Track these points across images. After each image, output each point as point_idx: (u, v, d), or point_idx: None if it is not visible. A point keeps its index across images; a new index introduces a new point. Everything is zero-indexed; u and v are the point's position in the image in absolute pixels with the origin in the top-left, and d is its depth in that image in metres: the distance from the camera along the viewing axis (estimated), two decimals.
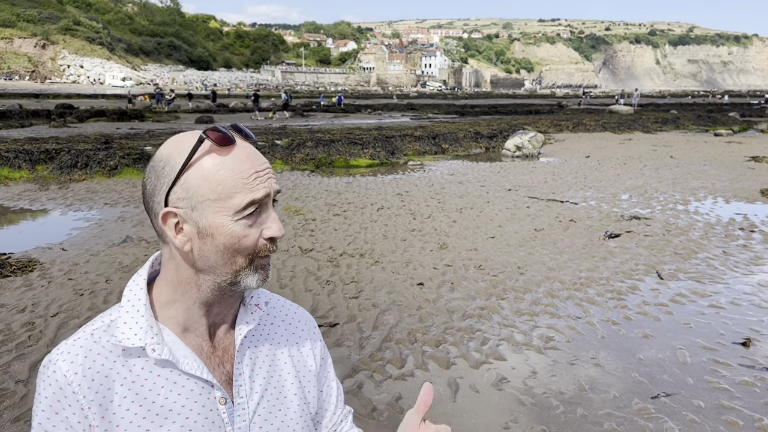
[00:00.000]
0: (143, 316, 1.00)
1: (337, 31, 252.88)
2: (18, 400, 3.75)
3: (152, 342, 0.98)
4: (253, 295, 1.15)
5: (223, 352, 1.08)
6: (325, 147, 16.81)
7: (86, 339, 0.99)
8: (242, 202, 0.98)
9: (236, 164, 0.99)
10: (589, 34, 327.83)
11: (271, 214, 1.02)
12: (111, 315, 1.03)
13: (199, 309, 1.04)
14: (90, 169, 13.18)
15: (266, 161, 1.03)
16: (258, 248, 1.00)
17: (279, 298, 1.26)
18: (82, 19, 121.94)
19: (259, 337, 1.14)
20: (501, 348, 4.68)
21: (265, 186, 0.99)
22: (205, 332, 1.06)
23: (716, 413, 3.73)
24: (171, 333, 1.03)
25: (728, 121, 32.93)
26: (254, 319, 1.11)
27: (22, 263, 6.53)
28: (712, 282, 6.35)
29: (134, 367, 0.98)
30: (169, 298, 1.04)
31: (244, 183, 0.98)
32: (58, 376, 0.95)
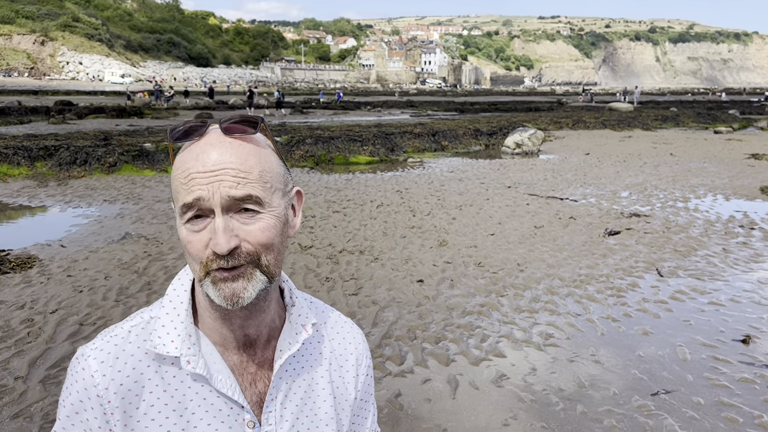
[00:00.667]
0: (182, 322, 0.95)
1: (336, 27, 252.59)
2: (17, 396, 3.75)
3: (188, 353, 0.93)
4: (300, 313, 1.06)
5: (257, 369, 1.01)
6: (324, 144, 16.80)
7: (122, 337, 0.95)
8: (179, 204, 0.90)
9: (183, 162, 0.91)
10: (589, 31, 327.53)
11: (219, 226, 0.87)
12: (152, 311, 0.99)
13: (217, 321, 0.97)
14: (89, 165, 13.16)
15: (231, 162, 0.89)
16: (206, 258, 0.88)
17: (333, 316, 1.17)
18: (81, 16, 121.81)
19: (300, 359, 1.06)
20: (501, 345, 4.68)
21: (200, 189, 0.87)
22: (236, 346, 0.99)
23: (716, 410, 3.73)
24: (209, 343, 0.97)
25: (728, 118, 32.93)
26: (298, 341, 1.02)
27: (21, 260, 6.52)
28: (711, 279, 6.35)
29: (166, 374, 0.94)
30: (203, 305, 0.99)
31: (182, 184, 0.89)
32: (86, 375, 0.92)
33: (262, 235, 0.90)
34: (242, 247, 0.88)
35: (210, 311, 0.97)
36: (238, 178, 0.88)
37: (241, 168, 0.89)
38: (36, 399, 3.71)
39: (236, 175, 0.88)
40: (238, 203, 0.88)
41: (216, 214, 0.87)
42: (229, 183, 0.87)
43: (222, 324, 0.97)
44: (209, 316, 0.97)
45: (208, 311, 0.97)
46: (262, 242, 0.90)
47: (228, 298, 0.88)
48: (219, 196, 0.87)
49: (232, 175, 0.88)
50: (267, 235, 0.91)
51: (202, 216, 0.89)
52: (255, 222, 0.90)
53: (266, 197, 0.92)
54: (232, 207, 0.88)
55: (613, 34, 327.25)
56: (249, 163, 0.91)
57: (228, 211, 0.88)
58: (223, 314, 0.95)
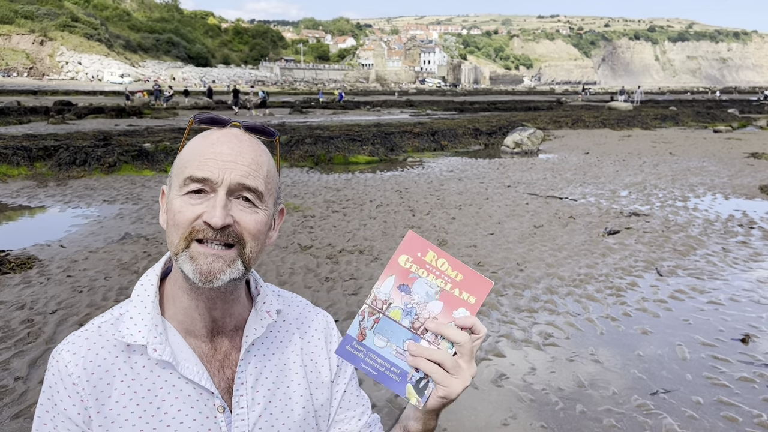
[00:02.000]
0: (149, 313, 0.99)
1: (335, 27, 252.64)
2: (17, 396, 3.75)
3: (154, 341, 0.97)
4: (265, 300, 1.10)
5: (224, 357, 1.04)
6: (324, 144, 16.80)
7: (92, 331, 0.99)
8: (184, 175, 0.95)
9: (202, 143, 0.98)
10: (589, 30, 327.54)
11: (219, 201, 0.93)
12: (121, 308, 1.03)
13: (190, 302, 1.00)
14: (88, 166, 13.16)
15: (245, 157, 0.97)
16: (192, 227, 0.93)
17: (299, 303, 1.21)
18: (81, 16, 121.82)
19: (269, 345, 1.10)
20: (500, 344, 4.68)
21: (213, 169, 0.94)
22: (205, 334, 1.03)
23: (715, 409, 3.73)
24: (176, 333, 1.01)
25: (727, 117, 32.96)
26: (262, 326, 1.06)
27: (20, 260, 6.52)
28: (711, 278, 6.36)
29: (135, 364, 0.97)
30: (172, 292, 1.03)
31: (197, 160, 0.95)
32: (61, 366, 0.96)
33: (254, 225, 0.97)
34: (234, 227, 0.95)
35: (179, 296, 1.01)
36: (250, 169, 0.97)
37: (254, 163, 0.98)
38: (36, 399, 3.71)
39: (248, 166, 0.97)
40: (242, 191, 0.96)
41: (219, 193, 0.94)
42: (242, 171, 0.96)
43: (192, 306, 1.00)
44: (181, 298, 1.01)
45: (177, 296, 1.02)
46: (252, 231, 0.97)
47: (204, 275, 0.93)
48: (229, 180, 0.94)
49: (244, 165, 0.96)
50: (257, 228, 0.98)
51: (201, 192, 0.95)
52: (251, 213, 0.97)
53: (266, 195, 1.00)
54: (234, 192, 0.96)
55: (613, 33, 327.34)
56: (260, 161, 1.00)
57: (230, 195, 0.95)
58: (192, 296, 0.99)
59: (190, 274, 0.93)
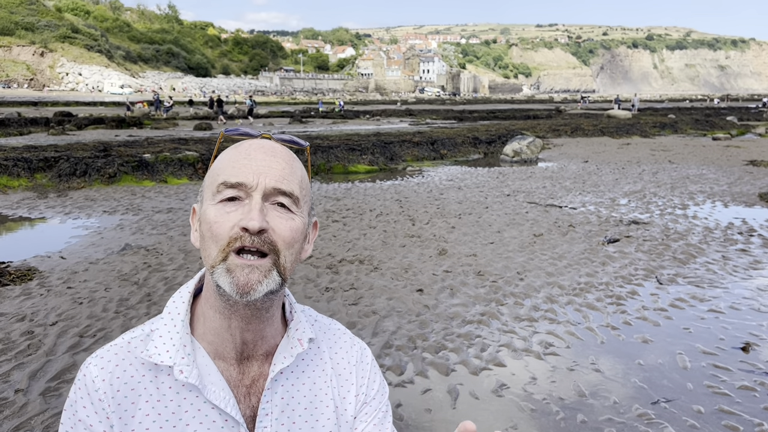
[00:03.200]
0: (179, 332, 0.97)
1: (335, 37, 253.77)
2: (17, 409, 3.74)
3: (182, 363, 0.95)
4: (298, 327, 1.06)
5: (252, 383, 1.01)
6: (323, 153, 16.84)
7: (122, 347, 0.98)
8: (218, 182, 0.94)
9: (234, 152, 0.97)
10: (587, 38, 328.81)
11: (255, 204, 0.91)
12: (153, 324, 1.01)
13: (222, 322, 0.97)
14: (89, 176, 13.18)
15: (279, 161, 0.96)
16: (230, 236, 0.91)
17: (336, 331, 1.14)
18: (81, 27, 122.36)
19: (300, 374, 1.05)
20: (501, 354, 4.68)
21: (248, 173, 0.93)
22: (234, 357, 1.00)
23: (716, 418, 3.73)
24: (205, 354, 0.98)
25: (726, 125, 33.03)
26: (292, 355, 1.02)
27: (21, 272, 6.52)
28: (711, 286, 6.36)
29: (162, 384, 0.95)
30: (203, 311, 1.00)
31: (230, 167, 0.94)
32: (88, 380, 0.94)
33: (290, 232, 0.95)
34: (269, 234, 0.92)
35: (210, 315, 0.98)
36: (285, 173, 0.96)
37: (287, 167, 0.97)
38: (36, 412, 3.71)
39: (282, 171, 0.96)
40: (277, 195, 0.94)
41: (254, 197, 0.92)
42: (276, 176, 0.94)
43: (221, 328, 0.98)
44: (213, 318, 0.98)
45: (207, 316, 0.99)
46: (287, 239, 0.94)
47: (241, 287, 0.90)
48: (264, 185, 0.93)
49: (278, 170, 0.95)
50: (293, 235, 0.95)
51: (236, 200, 0.93)
52: (287, 219, 0.95)
53: (301, 201, 0.98)
54: (270, 197, 0.94)
55: (611, 42, 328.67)
56: (294, 166, 0.99)
57: (265, 199, 0.93)
58: (228, 312, 0.96)
59: (227, 287, 0.91)
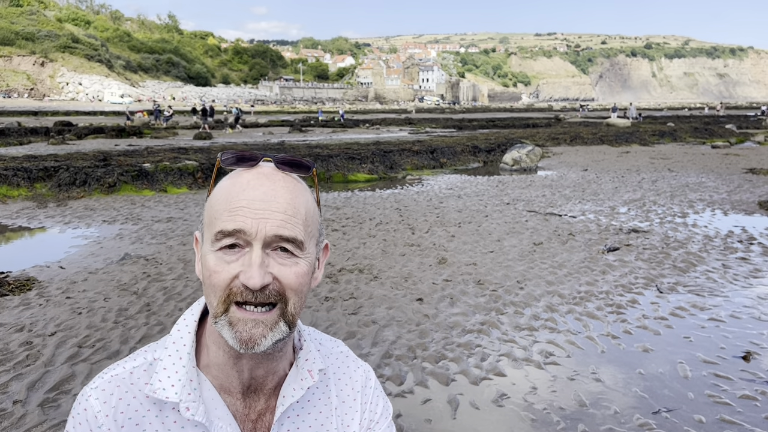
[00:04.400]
0: (185, 366, 0.93)
1: (334, 46, 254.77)
2: (16, 420, 3.73)
3: (188, 399, 0.91)
4: (308, 357, 1.02)
5: (258, 417, 0.98)
6: (323, 162, 16.86)
7: (124, 378, 0.94)
8: (215, 229, 0.88)
9: (231, 188, 0.90)
10: (586, 47, 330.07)
11: (255, 259, 0.85)
12: (155, 352, 0.97)
13: (227, 360, 0.94)
14: (88, 186, 13.19)
15: (280, 203, 0.88)
16: (230, 290, 0.86)
17: (339, 354, 1.11)
18: (81, 37, 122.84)
19: (306, 404, 1.02)
20: (501, 364, 4.66)
21: (246, 219, 0.86)
22: (240, 391, 0.97)
23: (717, 428, 3.71)
24: (211, 387, 0.95)
25: (725, 133, 33.10)
26: (302, 388, 0.99)
27: (20, 282, 6.51)
28: (711, 295, 6.34)
29: (167, 419, 0.92)
30: (208, 344, 0.97)
31: (227, 210, 0.88)
32: (89, 415, 0.90)
33: (295, 279, 0.89)
34: (273, 286, 0.87)
35: (219, 349, 0.95)
36: (287, 216, 0.88)
37: (290, 208, 0.89)
38: (35, 423, 3.69)
39: (285, 212, 0.88)
40: (279, 242, 0.88)
41: (254, 248, 0.86)
42: (277, 222, 0.87)
43: (230, 364, 0.94)
44: (216, 354, 0.95)
45: (216, 349, 0.95)
46: (293, 287, 0.89)
47: (244, 342, 0.86)
48: (264, 233, 0.86)
49: (280, 212, 0.88)
50: (299, 281, 0.90)
51: (236, 247, 0.87)
52: (291, 265, 0.89)
53: (306, 242, 0.91)
54: (271, 244, 0.87)
55: (610, 50, 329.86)
56: (296, 204, 0.90)
57: (266, 247, 0.87)
58: (234, 354, 0.93)
59: (230, 341, 0.87)
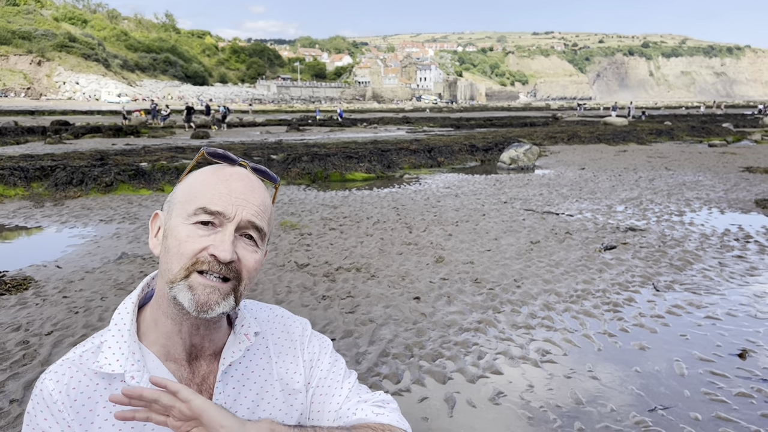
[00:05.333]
0: (126, 341, 1.02)
1: (332, 45, 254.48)
2: (12, 419, 3.72)
3: (132, 369, 1.00)
4: (243, 323, 1.12)
5: (203, 380, 1.07)
6: (320, 161, 16.85)
7: (74, 360, 1.02)
8: (196, 205, 0.99)
9: (214, 176, 1.02)
10: (583, 46, 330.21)
11: (227, 236, 0.98)
12: (102, 337, 1.05)
13: (173, 327, 1.03)
14: (85, 185, 13.17)
15: (256, 197, 1.02)
16: (197, 258, 0.97)
17: (275, 317, 1.22)
18: (78, 36, 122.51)
19: (248, 364, 1.12)
20: (498, 362, 4.67)
21: (227, 204, 0.99)
22: (184, 358, 1.06)
23: (713, 425, 3.72)
24: (155, 358, 1.04)
25: (722, 131, 33.14)
26: (240, 350, 1.10)
27: (16, 281, 6.50)
28: (708, 293, 6.36)
29: (116, 391, 1.00)
30: (154, 317, 1.05)
31: (209, 192, 1.00)
32: (45, 394, 0.99)
33: (253, 264, 1.02)
34: (235, 264, 1.00)
35: (161, 321, 1.04)
36: (260, 209, 1.04)
37: (262, 204, 1.05)
38: None
39: (259, 206, 1.04)
40: (249, 228, 1.02)
41: (228, 229, 0.99)
42: (253, 211, 1.02)
43: (172, 332, 1.04)
44: (160, 326, 1.04)
45: (159, 321, 1.04)
46: (250, 270, 1.02)
47: (200, 305, 0.97)
48: (240, 217, 1.00)
49: (255, 204, 1.03)
50: (255, 267, 1.03)
51: (209, 225, 0.99)
52: (254, 252, 1.03)
53: (267, 236, 1.07)
54: (242, 229, 1.01)
55: (607, 49, 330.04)
56: (266, 203, 1.07)
57: (237, 231, 1.01)
58: (180, 320, 1.03)
59: (186, 303, 0.97)
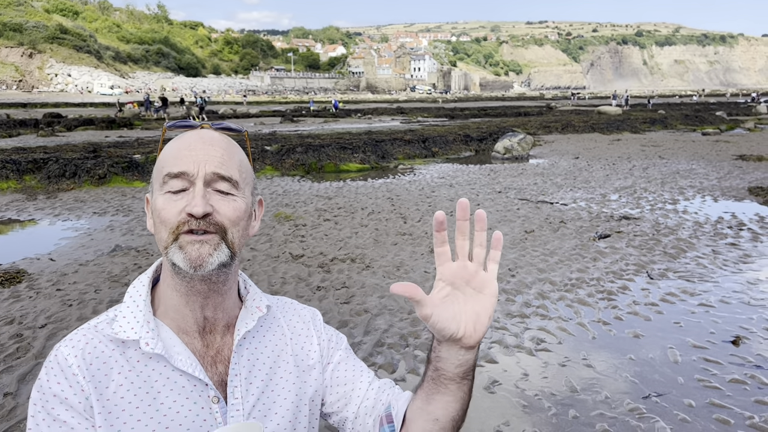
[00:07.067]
0: (141, 311, 1.05)
1: (326, 36, 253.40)
2: (6, 413, 3.72)
3: (147, 336, 1.01)
4: (255, 298, 1.16)
5: (217, 353, 1.09)
6: (315, 152, 16.80)
7: (89, 329, 1.04)
8: (162, 173, 1.02)
9: (176, 144, 1.05)
10: (577, 35, 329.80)
11: (198, 191, 0.99)
12: (116, 310, 1.08)
13: (180, 299, 1.05)
14: (78, 178, 13.10)
15: (217, 149, 1.03)
16: (177, 222, 0.99)
17: (286, 301, 1.27)
18: (69, 28, 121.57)
19: (261, 338, 1.15)
20: (492, 351, 4.68)
21: (188, 163, 1.00)
22: (196, 331, 1.07)
23: (707, 412, 3.74)
24: (168, 330, 1.06)
25: (715, 120, 33.20)
26: (253, 320, 1.12)
27: (9, 274, 6.47)
28: (701, 281, 6.38)
29: (131, 358, 1.02)
30: (164, 293, 1.08)
31: (173, 157, 1.02)
32: (60, 359, 0.99)
33: (233, 212, 1.03)
34: (214, 216, 1.00)
35: (169, 294, 1.06)
36: (223, 159, 1.03)
37: (225, 154, 1.04)
38: (26, 415, 3.67)
39: (221, 157, 1.03)
40: (218, 181, 1.02)
41: (197, 185, 1.00)
42: (215, 162, 1.02)
43: (182, 304, 1.05)
44: (171, 296, 1.06)
45: (168, 296, 1.07)
46: (231, 218, 1.02)
47: (193, 261, 0.98)
48: (204, 171, 1.00)
49: (218, 157, 1.03)
50: (237, 214, 1.03)
51: (182, 192, 1.00)
52: (229, 201, 1.03)
53: (241, 183, 1.06)
54: (211, 183, 1.01)
55: (601, 38, 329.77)
56: (231, 152, 1.06)
57: (207, 186, 1.01)
58: (185, 290, 1.04)
59: (181, 263, 0.99)
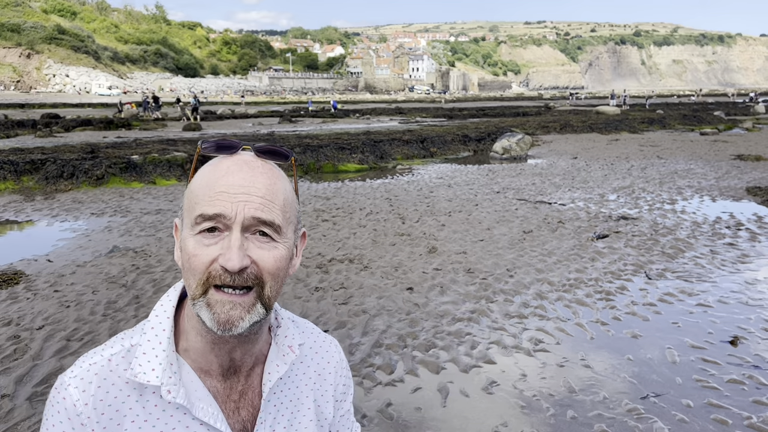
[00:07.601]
0: (164, 349, 0.94)
1: (324, 36, 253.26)
2: (4, 414, 3.70)
3: (169, 383, 0.91)
4: (287, 334, 1.05)
5: (240, 397, 1.00)
6: (313, 152, 16.79)
7: (103, 365, 0.93)
8: (195, 213, 0.89)
9: (211, 174, 0.91)
10: (575, 35, 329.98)
11: (234, 241, 0.87)
12: (133, 338, 0.97)
13: (205, 345, 0.95)
14: (76, 179, 13.08)
15: (259, 187, 0.90)
16: (209, 272, 0.87)
17: (311, 332, 1.15)
18: (67, 28, 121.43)
19: (287, 381, 1.06)
20: (491, 351, 4.68)
21: (225, 204, 0.87)
22: (220, 373, 0.98)
23: (705, 412, 3.74)
24: (190, 370, 0.96)
25: (714, 119, 33.24)
26: (285, 363, 1.02)
27: (7, 276, 6.45)
28: (699, 281, 6.39)
29: (148, 403, 0.92)
30: (189, 333, 0.97)
31: (207, 195, 0.89)
32: (68, 404, 0.90)
33: (273, 263, 0.91)
34: (251, 269, 0.88)
35: (197, 334, 0.95)
36: (265, 201, 0.90)
37: (268, 193, 0.91)
38: (23, 417, 3.67)
39: (263, 197, 0.90)
40: (258, 225, 0.89)
41: (233, 232, 0.87)
42: (255, 205, 0.88)
43: (208, 348, 0.95)
44: (195, 339, 0.95)
45: (195, 334, 0.96)
46: (271, 270, 0.91)
47: (222, 324, 0.88)
48: (243, 215, 0.87)
49: (259, 197, 0.89)
50: (278, 265, 0.91)
51: (215, 231, 0.88)
52: (270, 249, 0.90)
53: (284, 227, 0.93)
54: (250, 228, 0.89)
55: (599, 38, 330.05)
56: (275, 190, 0.92)
57: (245, 231, 0.89)
58: (212, 339, 0.93)
59: (208, 323, 0.88)
